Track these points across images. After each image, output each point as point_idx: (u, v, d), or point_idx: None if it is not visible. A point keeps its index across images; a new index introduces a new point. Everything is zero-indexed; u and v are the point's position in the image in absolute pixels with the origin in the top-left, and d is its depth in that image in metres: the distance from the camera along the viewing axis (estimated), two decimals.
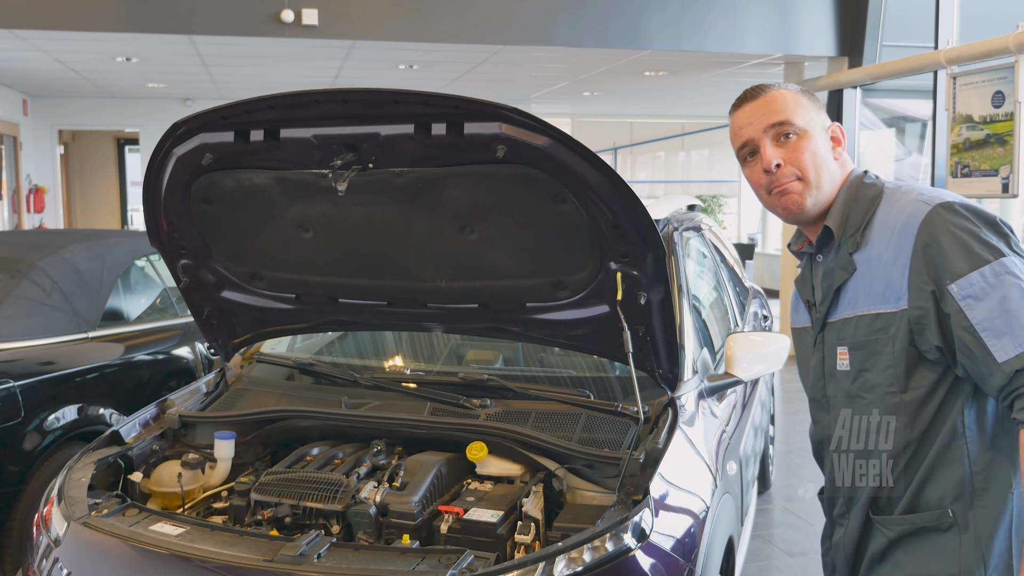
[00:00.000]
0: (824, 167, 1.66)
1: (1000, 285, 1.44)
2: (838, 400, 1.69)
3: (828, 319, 1.69)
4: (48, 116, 12.42)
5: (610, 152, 16.61)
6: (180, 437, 2.77)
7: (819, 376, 1.73)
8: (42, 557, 2.22)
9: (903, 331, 1.53)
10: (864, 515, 1.70)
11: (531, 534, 2.16)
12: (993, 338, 1.43)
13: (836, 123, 1.72)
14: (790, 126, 1.64)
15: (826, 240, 1.70)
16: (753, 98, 1.69)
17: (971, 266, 1.46)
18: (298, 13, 6.94)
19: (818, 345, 1.72)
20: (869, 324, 1.59)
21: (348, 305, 2.74)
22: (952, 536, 1.55)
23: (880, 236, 1.59)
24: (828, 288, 1.68)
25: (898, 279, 1.53)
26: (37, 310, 3.71)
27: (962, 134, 6.40)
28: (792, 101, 1.67)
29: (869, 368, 1.59)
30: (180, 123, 2.33)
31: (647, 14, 7.54)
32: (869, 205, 1.64)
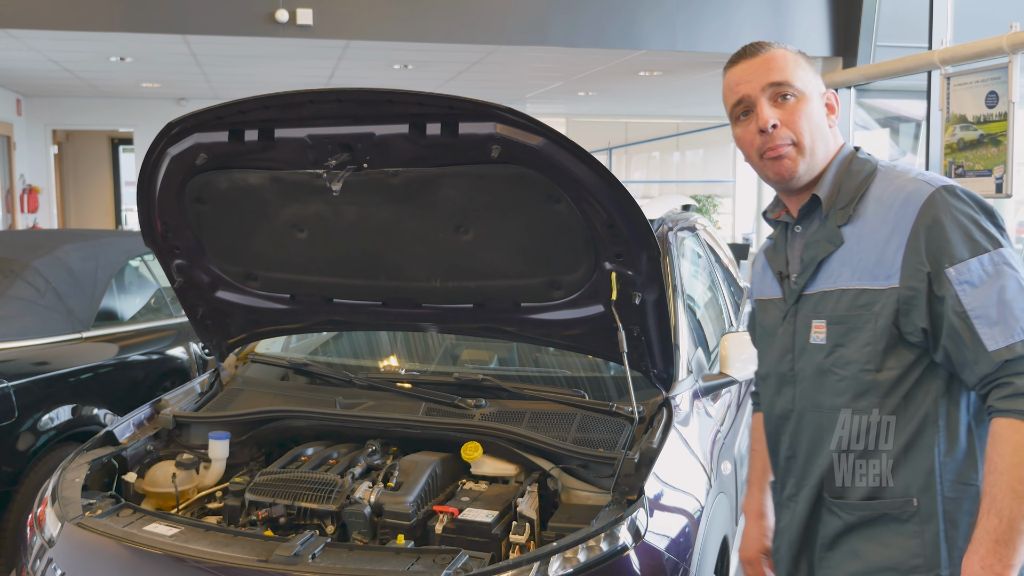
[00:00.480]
0: (819, 133, 1.62)
1: (998, 275, 1.43)
2: (807, 374, 1.62)
3: (805, 291, 1.63)
4: (42, 116, 12.38)
5: (605, 152, 16.60)
6: (174, 437, 2.77)
7: (787, 349, 1.66)
8: (36, 558, 2.21)
9: (889, 309, 1.49)
10: (814, 496, 1.63)
11: (526, 534, 2.16)
12: (985, 326, 1.42)
13: (831, 90, 1.67)
14: (789, 87, 1.59)
15: (810, 210, 1.65)
16: (752, 55, 1.63)
17: (971, 252, 1.44)
18: (293, 13, 6.93)
19: (789, 318, 1.66)
20: (853, 299, 1.54)
21: (343, 305, 2.74)
22: (914, 526, 1.51)
23: (875, 211, 1.55)
24: (811, 259, 1.62)
25: (891, 257, 1.50)
26: (31, 310, 3.70)
27: (956, 134, 6.41)
28: (792, 61, 1.62)
29: (846, 344, 1.55)
30: (174, 123, 2.33)
31: (642, 14, 7.54)
32: (863, 179, 1.60)
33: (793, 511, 1.70)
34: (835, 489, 1.61)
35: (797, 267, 1.66)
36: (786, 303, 1.68)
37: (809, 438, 1.64)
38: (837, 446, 1.57)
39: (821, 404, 1.60)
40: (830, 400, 1.58)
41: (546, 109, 13.83)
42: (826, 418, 1.60)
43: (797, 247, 1.68)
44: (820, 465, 1.62)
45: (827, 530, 1.63)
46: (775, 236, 1.77)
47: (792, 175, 1.61)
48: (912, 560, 1.52)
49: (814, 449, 1.64)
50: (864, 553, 1.56)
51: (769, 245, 1.79)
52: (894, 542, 1.52)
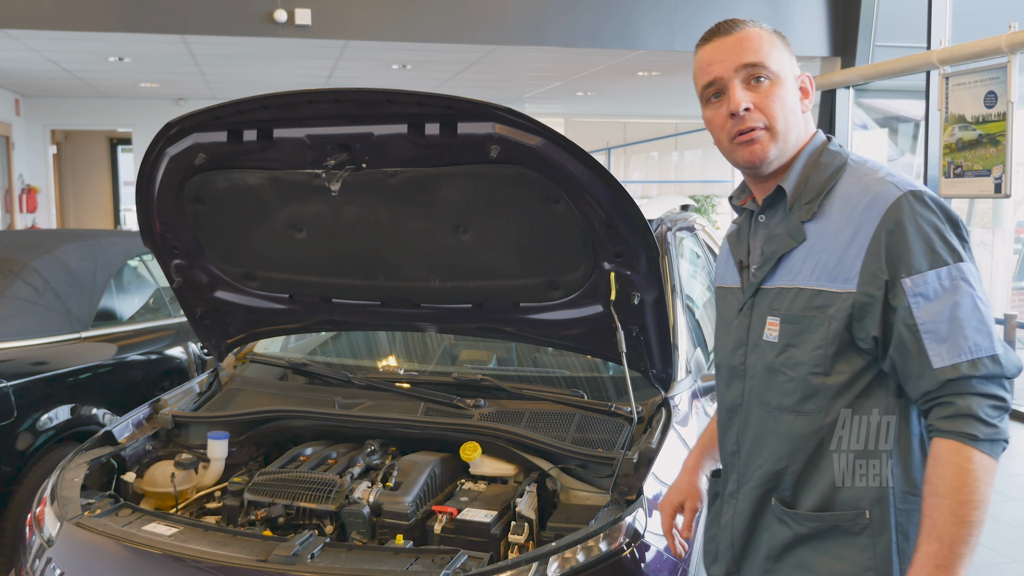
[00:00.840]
0: (793, 118, 1.54)
1: (954, 291, 1.38)
2: (757, 371, 1.56)
3: (763, 285, 1.57)
4: (41, 116, 12.38)
5: (603, 152, 16.60)
6: (173, 437, 2.77)
7: (741, 343, 1.61)
8: (35, 557, 2.21)
9: (843, 313, 1.44)
10: (759, 498, 1.58)
11: (525, 534, 2.16)
12: (933, 342, 1.37)
13: (806, 73, 1.59)
14: (764, 69, 1.51)
15: (775, 201, 1.58)
16: (725, 33, 1.55)
17: (930, 264, 1.39)
18: (291, 13, 6.93)
19: (746, 311, 1.60)
20: (808, 299, 1.48)
21: (342, 305, 2.74)
22: (865, 538, 1.46)
23: (840, 210, 1.48)
24: (771, 254, 1.56)
25: (851, 260, 1.44)
26: (30, 310, 3.70)
27: (955, 134, 6.42)
28: (768, 41, 1.54)
29: (798, 344, 1.49)
30: (173, 123, 2.33)
31: (640, 14, 7.55)
32: (831, 174, 1.53)
33: (734, 509, 1.64)
34: (783, 499, 1.55)
35: (758, 259, 1.61)
36: (744, 294, 1.62)
37: (753, 435, 1.59)
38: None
39: (768, 403, 1.55)
40: (777, 400, 1.53)
41: (544, 109, 13.83)
42: (771, 417, 1.55)
43: (760, 237, 1.62)
44: (763, 466, 1.57)
45: (775, 540, 1.57)
46: (740, 222, 1.71)
47: (763, 160, 1.54)
48: (864, 573, 1.47)
49: (756, 448, 1.58)
50: (815, 566, 1.51)
51: (733, 231, 1.73)
52: (846, 555, 1.48)
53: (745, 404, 1.61)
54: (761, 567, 1.59)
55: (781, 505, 1.55)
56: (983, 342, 1.37)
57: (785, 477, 1.54)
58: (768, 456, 1.56)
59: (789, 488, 1.54)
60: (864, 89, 8.42)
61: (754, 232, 1.64)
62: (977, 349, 1.37)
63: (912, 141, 9.47)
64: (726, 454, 1.69)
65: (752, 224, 1.65)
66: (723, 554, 1.68)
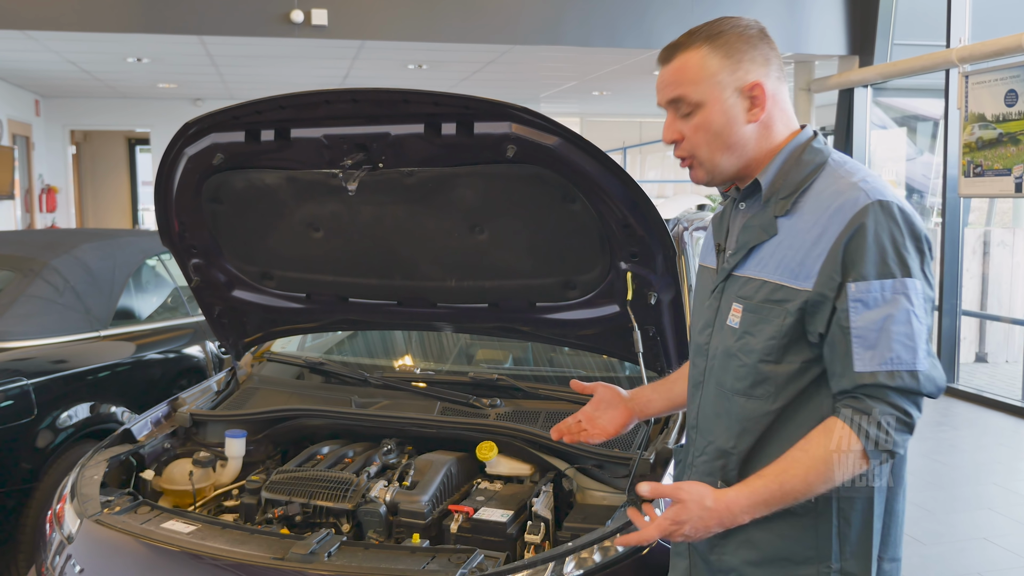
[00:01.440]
0: (718, 142, 1.57)
1: (891, 303, 1.44)
2: (718, 353, 1.63)
3: (734, 271, 1.63)
4: (60, 116, 12.49)
5: (619, 151, 16.58)
6: (191, 435, 2.78)
7: (708, 323, 1.68)
8: (55, 554, 2.23)
9: (797, 308, 1.50)
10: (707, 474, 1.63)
11: (541, 534, 2.16)
12: (860, 347, 1.44)
13: (758, 81, 1.56)
14: (684, 104, 1.56)
15: (753, 192, 1.63)
16: (664, 61, 1.61)
17: (877, 275, 1.44)
18: (307, 13, 6.96)
19: (716, 293, 1.66)
20: (770, 292, 1.54)
21: (358, 304, 2.74)
22: (809, 520, 1.52)
23: (811, 210, 1.53)
24: (744, 243, 1.62)
25: (812, 260, 1.49)
26: (50, 309, 3.73)
27: (974, 133, 6.37)
28: (695, 68, 1.56)
29: (754, 333, 1.55)
30: (191, 123, 2.34)
31: (656, 13, 7.53)
32: (810, 172, 1.56)
33: (685, 475, 1.72)
34: (727, 479, 1.60)
35: (733, 244, 1.66)
36: (717, 277, 1.69)
37: (707, 413, 1.65)
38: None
39: (723, 383, 1.61)
40: (731, 382, 1.60)
41: (560, 109, 13.83)
42: (725, 398, 1.61)
43: (738, 224, 1.67)
44: (712, 443, 1.63)
45: None
46: (724, 206, 1.77)
47: (701, 182, 1.64)
48: (805, 552, 1.54)
49: (708, 425, 1.64)
50: (760, 543, 1.57)
51: (718, 212, 1.79)
52: (789, 534, 1.54)
53: (705, 381, 1.68)
54: (710, 541, 1.63)
55: (727, 485, 1.59)
56: (906, 356, 1.43)
57: (732, 457, 1.59)
58: (718, 434, 1.62)
59: (735, 468, 1.59)
60: (882, 88, 8.37)
61: (734, 218, 1.69)
62: (898, 362, 1.43)
63: (931, 140, 9.40)
64: (688, 426, 1.75)
65: (733, 210, 1.71)
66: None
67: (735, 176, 1.62)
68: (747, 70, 1.57)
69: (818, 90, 8.70)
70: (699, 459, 1.67)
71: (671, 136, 1.60)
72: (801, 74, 8.81)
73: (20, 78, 10.49)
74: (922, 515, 4.44)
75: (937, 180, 8.37)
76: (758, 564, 1.57)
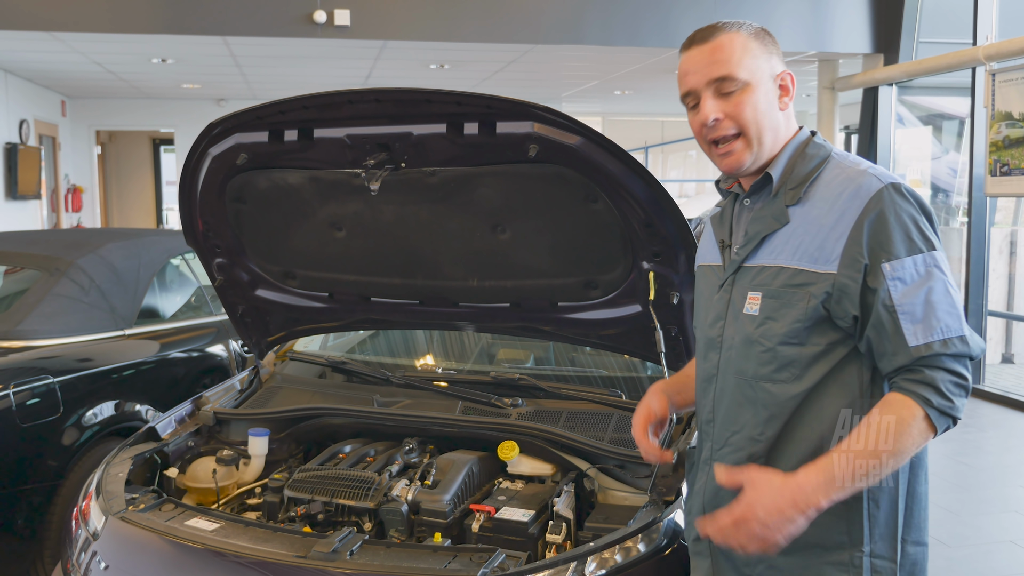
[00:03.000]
0: (766, 120, 1.62)
1: (929, 277, 1.50)
2: (735, 343, 1.65)
3: (745, 263, 1.66)
4: (86, 117, 12.62)
5: (641, 151, 16.53)
6: (215, 434, 2.80)
7: (720, 316, 1.70)
8: (80, 550, 2.25)
9: (822, 291, 1.54)
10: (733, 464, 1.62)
11: (562, 534, 2.16)
12: (908, 322, 1.49)
13: (788, 71, 1.66)
14: (733, 81, 1.59)
15: (762, 186, 1.67)
16: (701, 42, 1.62)
17: (907, 251, 1.50)
18: (330, 14, 6.99)
19: (726, 286, 1.69)
20: (790, 277, 1.58)
21: (380, 304, 2.75)
22: (839, 504, 1.52)
23: (823, 197, 1.58)
24: (755, 234, 1.65)
25: (832, 244, 1.54)
26: (75, 308, 3.77)
27: (1001, 131, 6.29)
28: (739, 49, 1.60)
29: (777, 318, 1.58)
30: (215, 123, 2.36)
31: (679, 11, 7.50)
32: (816, 164, 1.63)
33: (707, 474, 1.70)
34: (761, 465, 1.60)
35: (740, 239, 1.70)
36: (725, 272, 1.71)
37: (728, 404, 1.66)
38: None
39: (745, 372, 1.63)
40: (754, 369, 1.61)
41: (582, 108, 13.80)
42: (748, 386, 1.62)
43: (743, 220, 1.71)
44: (738, 432, 1.63)
45: None
46: (723, 205, 1.80)
47: (740, 167, 1.64)
48: (838, 537, 1.56)
49: (731, 415, 1.65)
50: None
51: (716, 213, 1.81)
52: (821, 520, 1.53)
53: (720, 374, 1.69)
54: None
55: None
56: (953, 324, 1.50)
57: (760, 444, 1.61)
58: (744, 422, 1.63)
59: (763, 455, 1.60)
60: (908, 86, 8.29)
61: (738, 215, 1.73)
62: (948, 330, 1.49)
63: (957, 139, 9.30)
64: (701, 422, 1.76)
65: (736, 207, 1.74)
66: (695, 519, 1.72)
67: (762, 164, 1.65)
68: (776, 62, 1.64)
69: (842, 88, 8.63)
70: (721, 451, 1.67)
71: (716, 113, 1.60)
72: (825, 72, 8.74)
73: (46, 79, 10.61)
74: (947, 517, 4.39)
75: (963, 179, 8.28)
76: (789, 553, 1.57)
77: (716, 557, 1.71)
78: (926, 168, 9.47)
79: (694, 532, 1.75)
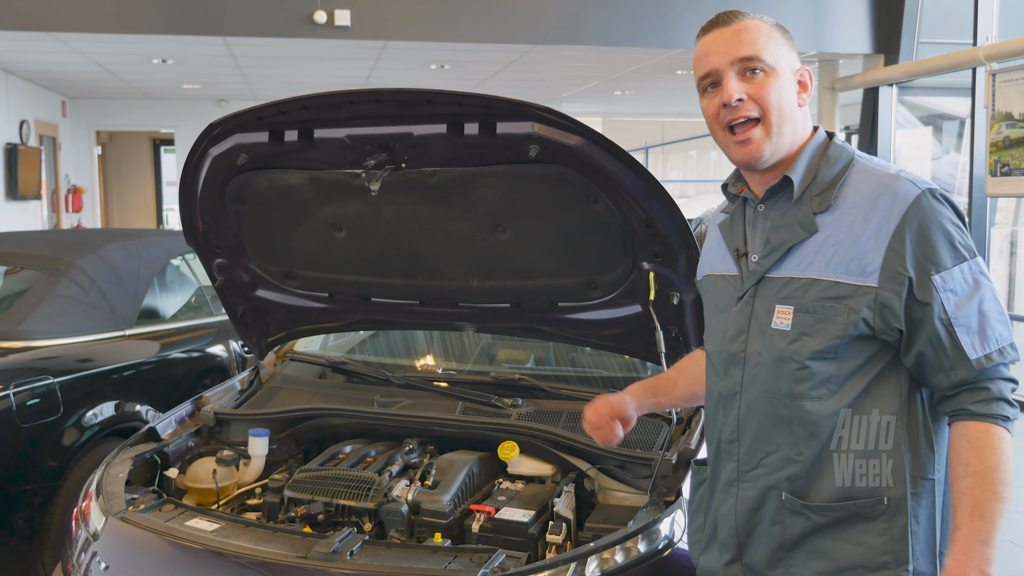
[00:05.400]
0: (788, 110, 1.55)
1: (978, 286, 1.47)
2: (763, 359, 1.56)
3: (768, 274, 1.58)
4: (86, 117, 12.62)
5: (642, 151, 16.53)
6: (215, 434, 2.80)
7: (742, 330, 1.60)
8: (81, 550, 2.25)
9: (863, 305, 1.47)
10: (767, 487, 1.57)
11: (562, 534, 2.16)
12: (965, 335, 1.45)
13: (806, 67, 1.60)
14: (759, 62, 1.53)
15: (778, 191, 1.59)
16: (724, 24, 1.57)
17: (954, 261, 1.46)
18: (330, 14, 6.99)
19: (747, 299, 1.60)
20: (825, 290, 1.50)
21: (380, 304, 2.75)
22: (882, 523, 1.50)
23: (853, 204, 1.51)
24: (780, 243, 1.56)
25: (872, 253, 1.47)
26: (75, 308, 3.77)
27: (1002, 132, 6.29)
28: (765, 34, 1.55)
29: (813, 334, 1.50)
30: (216, 124, 2.36)
31: (678, 12, 7.50)
32: (842, 168, 1.55)
33: (736, 497, 1.62)
34: (795, 490, 1.55)
35: (759, 247, 1.61)
36: (744, 283, 1.62)
37: (758, 423, 1.58)
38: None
39: (778, 390, 1.55)
40: (788, 387, 1.53)
41: (582, 108, 13.80)
42: (782, 405, 1.55)
43: (759, 226, 1.63)
44: (773, 453, 1.56)
45: (790, 532, 1.56)
46: (731, 211, 1.72)
47: (758, 158, 1.56)
48: (882, 557, 1.51)
49: (763, 435, 1.58)
50: (831, 553, 1.53)
51: (725, 219, 1.73)
52: (864, 540, 1.51)
53: (745, 391, 1.61)
54: (771, 556, 1.59)
55: (794, 497, 1.55)
56: (1005, 331, 1.48)
57: (798, 465, 1.54)
58: (780, 443, 1.56)
59: (803, 476, 1.54)
60: (908, 87, 8.29)
61: (752, 221, 1.65)
62: (1002, 339, 1.47)
63: (957, 139, 9.30)
64: (721, 441, 1.67)
65: (749, 213, 1.66)
66: (725, 543, 1.66)
67: (777, 160, 1.58)
68: (795, 57, 1.60)
69: (842, 89, 8.62)
70: (753, 472, 1.60)
71: (739, 93, 1.53)
72: (825, 73, 8.74)
73: (47, 79, 10.61)
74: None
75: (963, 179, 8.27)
76: (830, 574, 1.53)
77: None
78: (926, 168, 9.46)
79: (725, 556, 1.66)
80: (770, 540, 1.59)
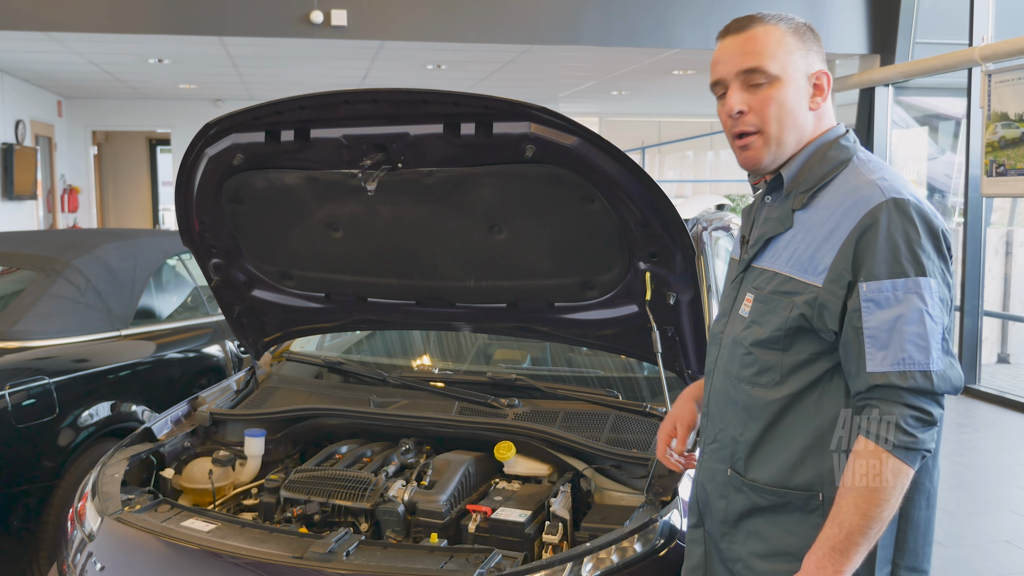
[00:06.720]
0: (790, 119, 1.58)
1: (903, 303, 1.43)
2: (727, 342, 1.66)
3: (752, 263, 1.66)
4: (82, 117, 12.60)
5: (638, 151, 16.54)
6: (211, 434, 2.80)
7: (725, 313, 1.72)
8: (76, 551, 2.25)
9: (804, 303, 1.51)
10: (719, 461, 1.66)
11: (559, 534, 2.16)
12: (872, 347, 1.44)
13: (824, 71, 1.61)
14: (762, 73, 1.56)
15: (776, 186, 1.65)
16: (736, 31, 1.60)
17: (889, 274, 1.44)
18: (327, 14, 6.98)
19: (735, 283, 1.70)
20: (781, 284, 1.56)
21: (377, 304, 2.75)
22: (817, 518, 1.53)
23: (827, 205, 1.54)
24: (761, 235, 1.65)
25: (824, 255, 1.50)
26: (71, 308, 3.76)
27: (997, 132, 6.30)
28: (773, 43, 1.57)
29: (762, 323, 1.58)
30: (212, 124, 2.36)
31: (675, 12, 7.50)
32: (833, 168, 1.58)
33: (701, 466, 1.75)
34: (739, 467, 1.63)
35: (754, 237, 1.69)
36: (738, 268, 1.72)
37: (717, 401, 1.68)
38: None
39: (730, 372, 1.65)
40: (737, 370, 1.63)
41: (579, 108, 13.81)
42: (732, 386, 1.64)
43: (762, 217, 1.70)
44: (723, 430, 1.66)
45: (733, 507, 1.64)
46: (756, 199, 1.77)
47: (756, 165, 1.62)
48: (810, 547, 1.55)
49: (719, 412, 1.68)
50: (768, 536, 1.59)
51: (748, 206, 1.81)
52: (798, 530, 1.55)
53: (715, 370, 1.71)
54: (719, 529, 1.68)
55: (736, 474, 1.64)
56: (918, 356, 1.43)
57: (740, 445, 1.62)
58: (728, 422, 1.66)
59: (743, 457, 1.62)
60: (904, 87, 8.31)
61: (760, 211, 1.72)
62: (911, 363, 1.43)
63: (953, 139, 9.32)
64: (702, 415, 1.80)
65: (761, 203, 1.72)
66: (692, 507, 1.80)
67: (779, 164, 1.62)
68: (814, 59, 1.61)
69: (839, 89, 8.63)
70: (710, 446, 1.71)
71: (741, 105, 1.58)
72: None
73: (43, 79, 10.59)
74: (943, 517, 4.39)
75: (959, 179, 8.29)
76: (764, 556, 1.60)
77: (708, 546, 1.74)
78: (922, 168, 9.48)
79: (693, 518, 1.79)
80: (718, 512, 1.68)
